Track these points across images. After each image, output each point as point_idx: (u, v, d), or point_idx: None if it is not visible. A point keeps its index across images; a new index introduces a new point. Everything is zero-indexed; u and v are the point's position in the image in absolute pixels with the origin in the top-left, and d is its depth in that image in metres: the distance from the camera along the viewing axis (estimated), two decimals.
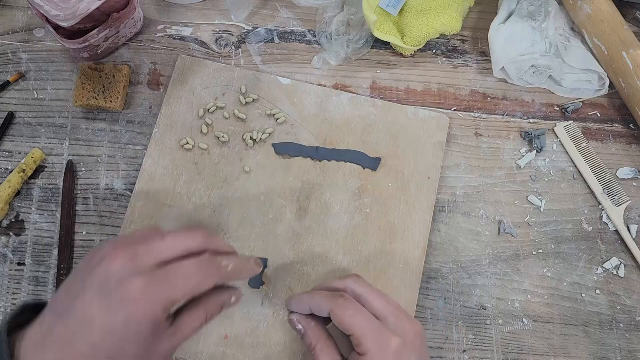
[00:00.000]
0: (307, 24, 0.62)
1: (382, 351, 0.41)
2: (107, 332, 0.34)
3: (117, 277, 0.35)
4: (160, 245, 0.37)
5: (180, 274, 0.37)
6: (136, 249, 0.36)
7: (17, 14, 0.61)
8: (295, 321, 0.46)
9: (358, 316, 0.42)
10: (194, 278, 0.37)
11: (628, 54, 0.57)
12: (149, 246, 0.37)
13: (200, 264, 0.38)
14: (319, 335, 0.45)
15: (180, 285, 0.36)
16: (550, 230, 0.57)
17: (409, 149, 0.57)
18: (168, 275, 0.36)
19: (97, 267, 0.36)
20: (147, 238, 0.38)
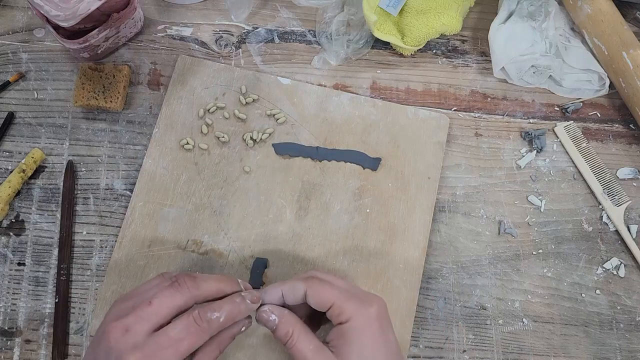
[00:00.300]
0: (307, 24, 0.62)
1: (365, 315, 0.41)
2: None
3: (115, 354, 0.38)
4: (149, 312, 0.39)
5: (170, 341, 0.38)
6: (128, 322, 0.38)
7: (17, 14, 0.61)
8: (268, 312, 0.43)
9: (335, 289, 0.42)
10: (185, 341, 0.39)
11: (628, 54, 0.57)
12: (137, 316, 0.39)
13: (189, 326, 0.39)
14: (295, 321, 0.42)
15: (171, 353, 0.38)
16: (550, 230, 0.57)
17: (409, 149, 0.57)
18: (159, 344, 0.38)
19: (101, 341, 0.39)
20: (136, 305, 0.40)
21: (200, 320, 0.40)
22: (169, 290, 0.40)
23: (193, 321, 0.39)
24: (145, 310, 0.39)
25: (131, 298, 0.41)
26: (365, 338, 0.41)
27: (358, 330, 0.41)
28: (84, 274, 0.53)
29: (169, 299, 0.40)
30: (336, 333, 0.42)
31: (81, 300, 0.53)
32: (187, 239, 0.53)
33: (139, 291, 0.42)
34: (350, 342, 0.41)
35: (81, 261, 0.54)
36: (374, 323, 0.41)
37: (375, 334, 0.41)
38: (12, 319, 0.52)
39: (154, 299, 0.39)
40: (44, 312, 0.52)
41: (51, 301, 0.52)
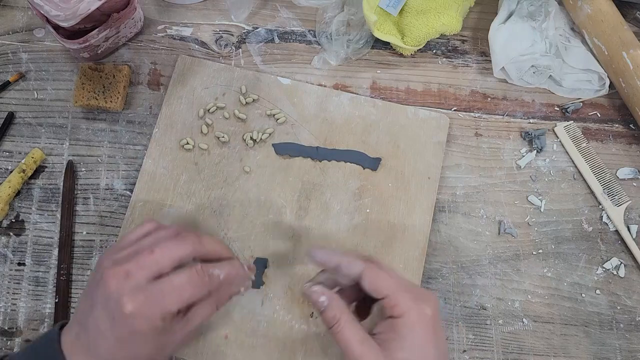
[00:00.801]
0: (307, 24, 0.62)
1: (420, 313, 0.40)
2: (118, 341, 0.39)
3: (115, 297, 0.38)
4: (150, 260, 0.40)
5: (172, 288, 0.39)
6: (128, 267, 0.39)
7: (17, 14, 0.61)
8: (318, 292, 0.42)
9: (393, 279, 0.41)
10: (185, 291, 0.40)
11: (628, 54, 0.57)
12: (139, 263, 0.39)
13: (190, 277, 0.40)
14: (344, 308, 0.42)
15: (173, 299, 0.39)
16: (550, 230, 0.57)
17: (409, 149, 0.57)
18: (161, 290, 0.39)
19: (99, 285, 0.40)
20: (138, 253, 0.40)
21: (202, 273, 0.41)
22: (172, 241, 0.41)
23: (195, 273, 0.40)
24: (147, 257, 0.40)
25: (124, 248, 0.42)
26: (417, 337, 0.40)
27: (410, 328, 0.40)
28: (84, 274, 0.53)
29: (172, 250, 0.40)
30: (386, 326, 0.40)
31: None
32: None
33: (130, 239, 0.43)
34: (401, 338, 0.39)
35: (81, 261, 0.54)
36: (429, 322, 0.40)
37: (428, 333, 0.40)
38: (12, 319, 0.52)
39: (156, 248, 0.40)
40: (44, 312, 0.52)
41: (51, 301, 0.52)
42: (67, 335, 0.41)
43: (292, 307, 0.52)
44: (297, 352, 0.51)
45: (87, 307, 0.41)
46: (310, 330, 0.51)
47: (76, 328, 0.41)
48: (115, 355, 0.39)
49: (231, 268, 0.43)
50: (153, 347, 0.40)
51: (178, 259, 0.41)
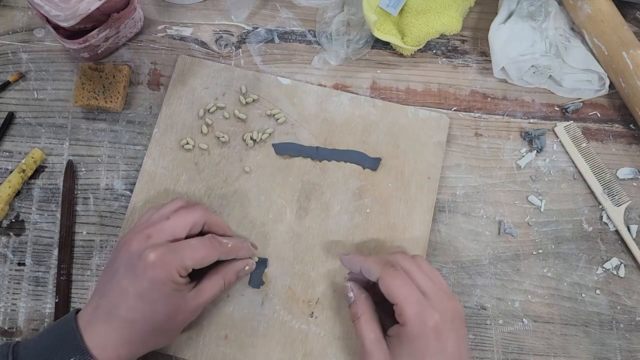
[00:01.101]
0: (307, 24, 0.62)
1: (421, 324, 0.42)
2: (138, 296, 0.42)
3: (137, 253, 0.43)
4: (168, 224, 0.45)
5: (189, 247, 0.45)
6: (149, 231, 0.45)
7: (17, 14, 0.61)
8: (348, 288, 0.48)
9: (405, 287, 0.43)
10: (199, 250, 0.45)
11: (628, 54, 0.57)
12: (157, 227, 0.45)
13: (204, 241, 0.46)
14: (366, 308, 0.46)
15: (189, 255, 0.44)
16: (550, 230, 0.57)
17: (409, 149, 0.57)
18: (178, 247, 0.44)
19: (121, 251, 0.45)
20: (155, 221, 0.46)
21: (214, 240, 0.47)
22: (184, 210, 0.47)
23: (208, 239, 0.47)
24: (163, 223, 0.45)
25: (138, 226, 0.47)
26: (417, 348, 0.42)
27: (411, 338, 0.42)
28: (84, 274, 0.53)
29: (185, 216, 0.46)
30: (395, 331, 0.44)
31: (81, 300, 0.53)
32: None
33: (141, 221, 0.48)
34: (403, 346, 0.42)
35: (81, 261, 0.54)
36: (429, 333, 0.42)
37: (428, 344, 0.42)
38: (12, 319, 0.52)
39: (172, 216, 0.46)
40: (44, 312, 0.52)
41: (51, 301, 0.52)
42: (85, 311, 0.44)
43: (292, 307, 0.52)
44: (297, 352, 0.51)
45: (108, 277, 0.44)
46: (310, 330, 0.51)
47: (95, 300, 0.44)
48: (134, 312, 0.42)
49: (237, 241, 0.50)
50: (168, 305, 0.44)
51: (191, 223, 0.46)
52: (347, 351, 0.51)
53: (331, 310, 0.52)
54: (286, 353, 0.51)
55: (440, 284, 0.46)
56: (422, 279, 0.45)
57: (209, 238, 0.47)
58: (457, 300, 0.45)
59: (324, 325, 0.51)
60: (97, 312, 0.43)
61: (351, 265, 0.49)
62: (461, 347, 0.43)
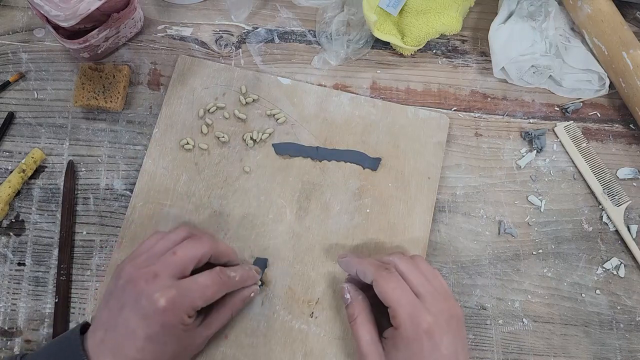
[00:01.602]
0: (307, 24, 0.62)
1: (414, 327, 0.42)
2: (148, 338, 0.41)
3: (146, 295, 0.42)
4: (175, 260, 0.44)
5: (198, 286, 0.44)
6: (155, 269, 0.43)
7: (17, 14, 0.61)
8: (345, 289, 0.48)
9: (398, 290, 0.44)
10: (209, 289, 0.44)
11: (628, 54, 0.57)
12: (164, 264, 0.43)
13: (213, 278, 0.45)
14: (362, 309, 0.46)
15: (199, 296, 0.44)
16: (550, 230, 0.57)
17: (409, 149, 0.57)
18: (188, 287, 0.43)
19: (127, 288, 0.43)
20: (159, 253, 0.45)
21: (222, 274, 0.46)
22: (191, 242, 0.46)
23: (217, 274, 0.45)
24: (170, 259, 0.44)
25: (141, 254, 0.45)
26: (411, 349, 0.42)
27: (405, 340, 0.42)
28: (84, 274, 0.53)
29: (192, 250, 0.45)
30: (389, 333, 0.44)
31: (81, 300, 0.53)
32: None
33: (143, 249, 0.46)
34: (397, 348, 0.43)
35: (81, 261, 0.54)
36: (423, 336, 0.42)
37: (422, 346, 0.42)
38: (12, 319, 0.52)
39: (178, 250, 0.44)
40: (44, 312, 0.52)
41: (51, 301, 0.52)
42: (92, 339, 0.43)
43: (292, 307, 0.52)
44: (297, 352, 0.51)
45: (114, 311, 0.43)
46: (310, 330, 0.51)
47: (100, 333, 0.43)
48: (143, 353, 0.41)
49: (243, 271, 0.48)
50: (178, 345, 0.43)
51: (199, 257, 0.45)
52: (347, 351, 0.51)
53: (331, 310, 0.52)
54: (286, 353, 0.51)
55: (439, 284, 0.45)
56: (418, 280, 0.45)
57: (217, 273, 0.45)
58: (454, 302, 0.45)
59: (324, 325, 0.51)
60: (104, 346, 0.42)
61: (348, 267, 0.49)
62: (458, 349, 0.43)
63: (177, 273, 0.43)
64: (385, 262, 0.47)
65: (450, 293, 0.46)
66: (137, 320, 0.41)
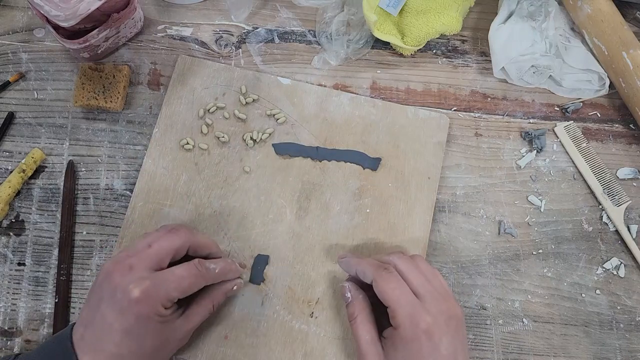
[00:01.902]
0: (307, 24, 0.62)
1: (413, 327, 0.42)
2: (125, 332, 0.41)
3: (121, 287, 0.41)
4: (150, 253, 0.43)
5: (174, 277, 0.43)
6: (130, 262, 0.43)
7: (17, 14, 0.61)
8: (346, 288, 0.48)
9: (397, 290, 0.43)
10: (185, 280, 0.44)
11: (628, 54, 0.57)
12: (139, 257, 0.43)
13: (190, 269, 0.44)
14: (363, 308, 0.46)
15: (174, 287, 0.43)
16: (550, 230, 0.57)
17: (409, 149, 0.57)
18: (163, 278, 0.43)
19: (103, 283, 0.43)
20: (139, 250, 0.44)
21: (200, 266, 0.45)
22: (166, 235, 0.45)
23: (194, 266, 0.45)
24: (146, 251, 0.43)
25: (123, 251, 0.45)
26: (410, 349, 0.42)
27: (404, 340, 0.42)
28: (84, 274, 0.53)
29: (167, 242, 0.44)
30: (389, 333, 0.44)
31: (81, 300, 0.53)
32: None
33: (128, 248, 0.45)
34: (396, 348, 0.43)
35: (81, 261, 0.54)
36: (422, 336, 0.42)
37: (421, 346, 0.42)
38: (12, 319, 0.52)
39: (154, 243, 0.44)
40: (44, 312, 0.52)
41: (51, 301, 0.52)
42: (74, 337, 0.42)
43: (292, 307, 0.52)
44: (297, 352, 0.51)
45: (93, 306, 0.43)
46: (310, 330, 0.51)
47: (81, 329, 0.42)
48: (121, 348, 0.41)
49: (225, 263, 0.48)
50: (156, 338, 0.43)
51: (175, 249, 0.45)
52: (347, 351, 0.51)
53: (331, 310, 0.52)
54: (286, 353, 0.51)
55: (439, 284, 0.45)
56: (418, 280, 0.45)
57: (195, 265, 0.45)
58: (454, 302, 0.45)
59: (324, 325, 0.51)
60: (83, 343, 0.42)
61: (347, 267, 0.49)
62: (457, 349, 0.42)
63: (153, 265, 0.43)
64: (385, 261, 0.47)
65: (450, 293, 0.46)
66: (114, 315, 0.41)
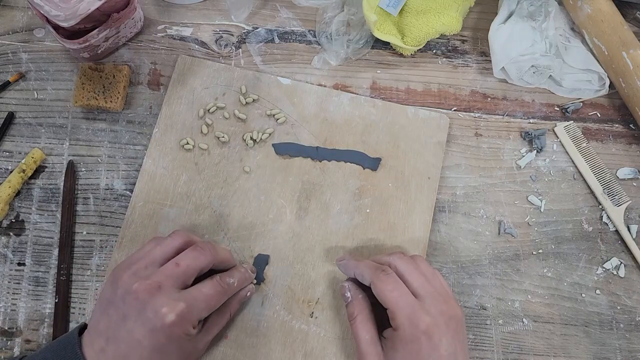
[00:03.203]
0: (307, 24, 0.62)
1: (412, 328, 0.42)
2: (154, 349, 0.41)
3: (152, 308, 0.41)
4: (178, 272, 0.44)
5: (203, 296, 0.44)
6: (158, 280, 0.42)
7: (17, 14, 0.61)
8: (345, 288, 0.48)
9: (396, 292, 0.44)
10: (213, 299, 0.45)
11: (628, 54, 0.57)
12: (167, 275, 0.43)
13: (215, 287, 0.45)
14: (362, 308, 0.46)
15: (204, 307, 0.44)
16: (550, 230, 0.57)
17: (409, 149, 0.57)
18: (194, 298, 0.43)
19: (128, 299, 0.42)
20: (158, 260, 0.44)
21: (222, 283, 0.46)
22: (193, 252, 0.45)
23: (218, 284, 0.46)
24: (174, 269, 0.43)
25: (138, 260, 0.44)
26: (409, 350, 0.42)
27: (404, 341, 0.42)
28: (84, 274, 0.53)
29: (195, 261, 0.45)
30: (388, 334, 0.44)
31: (81, 300, 0.53)
32: None
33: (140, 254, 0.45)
34: (396, 349, 0.43)
35: (81, 261, 0.54)
36: (421, 337, 0.42)
37: (421, 348, 0.42)
38: (12, 319, 0.52)
39: (181, 262, 0.44)
40: (44, 312, 0.52)
41: (51, 301, 0.52)
42: (89, 348, 0.42)
43: (292, 307, 0.52)
44: (297, 352, 0.51)
45: (115, 321, 0.42)
46: (310, 330, 0.51)
47: (100, 342, 0.42)
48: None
49: (240, 274, 0.49)
50: (182, 353, 0.44)
51: (202, 268, 0.45)
52: (347, 351, 0.51)
53: (331, 310, 0.52)
54: (286, 353, 0.51)
55: (439, 285, 0.45)
56: (418, 281, 0.44)
57: (218, 282, 0.46)
58: (454, 302, 0.45)
59: (324, 325, 0.51)
60: (104, 356, 0.41)
61: (346, 270, 0.50)
62: (457, 350, 0.42)
63: (181, 284, 0.43)
64: (384, 262, 0.47)
65: (450, 294, 0.46)
66: (143, 332, 0.41)
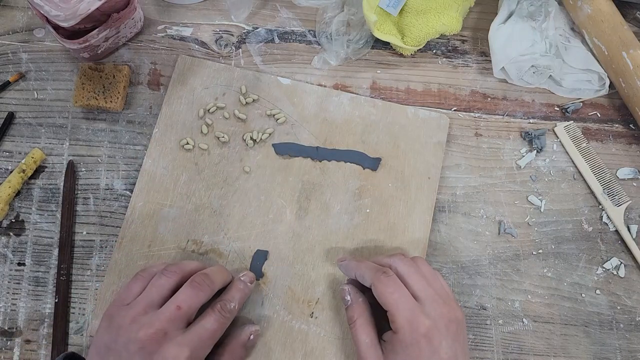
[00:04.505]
0: (307, 24, 0.62)
1: (412, 331, 0.42)
2: None
3: (163, 355, 0.41)
4: (181, 315, 0.43)
5: (207, 332, 0.44)
6: (163, 326, 0.42)
7: (17, 14, 0.61)
8: (345, 291, 0.48)
9: (396, 294, 0.43)
10: (217, 332, 0.45)
11: (628, 54, 0.57)
12: (170, 320, 0.42)
13: (218, 319, 0.45)
14: (362, 311, 0.46)
15: (210, 343, 0.44)
16: (550, 230, 0.57)
17: (409, 149, 0.57)
18: (199, 336, 0.43)
19: (131, 348, 0.41)
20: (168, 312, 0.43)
21: (224, 311, 0.45)
22: (192, 291, 0.44)
23: (220, 314, 0.45)
24: (176, 313, 0.43)
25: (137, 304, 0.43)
26: (409, 353, 0.42)
27: (404, 344, 0.42)
28: (84, 274, 0.53)
29: (195, 300, 0.44)
30: (388, 337, 0.44)
31: (81, 300, 0.53)
32: (187, 239, 0.53)
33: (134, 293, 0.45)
34: (396, 352, 0.42)
35: (81, 261, 0.54)
36: (421, 340, 0.42)
37: (421, 350, 0.41)
38: (12, 319, 0.52)
39: (182, 304, 0.43)
40: (44, 312, 0.52)
41: (51, 301, 0.52)
42: None
43: (292, 307, 0.52)
44: (297, 352, 0.51)
45: None
46: (310, 330, 0.51)
47: None
48: None
49: (241, 294, 0.48)
50: None
51: (201, 304, 0.45)
52: (347, 351, 0.51)
53: (331, 310, 0.52)
54: (286, 353, 0.51)
55: (439, 287, 0.45)
56: (418, 284, 0.44)
57: (219, 312, 0.45)
58: (455, 305, 0.45)
59: (324, 325, 0.51)
60: None
61: (346, 271, 0.50)
62: (458, 352, 0.42)
63: (184, 325, 0.43)
64: (385, 264, 0.47)
65: (451, 296, 0.46)
66: None
